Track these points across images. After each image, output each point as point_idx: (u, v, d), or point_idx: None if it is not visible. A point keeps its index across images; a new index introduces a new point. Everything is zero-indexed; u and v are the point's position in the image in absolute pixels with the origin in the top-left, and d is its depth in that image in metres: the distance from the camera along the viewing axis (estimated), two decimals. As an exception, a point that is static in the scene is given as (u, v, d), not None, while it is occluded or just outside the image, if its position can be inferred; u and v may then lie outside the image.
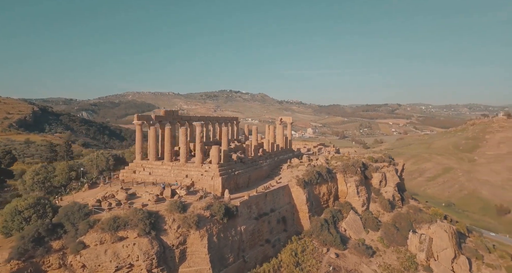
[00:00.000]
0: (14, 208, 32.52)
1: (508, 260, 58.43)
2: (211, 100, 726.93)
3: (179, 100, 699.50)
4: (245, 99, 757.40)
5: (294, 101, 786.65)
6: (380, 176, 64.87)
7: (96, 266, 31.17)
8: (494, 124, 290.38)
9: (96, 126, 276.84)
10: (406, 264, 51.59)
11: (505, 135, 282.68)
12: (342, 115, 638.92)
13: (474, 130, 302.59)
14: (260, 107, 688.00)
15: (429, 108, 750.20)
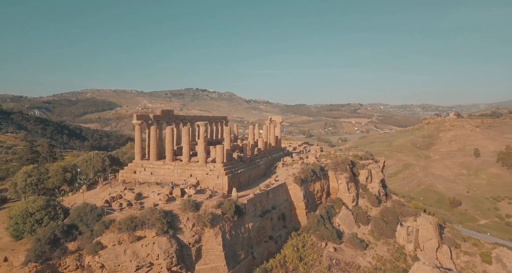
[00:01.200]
0: (24, 210, 31.77)
1: (481, 248, 64.74)
2: (176, 98, 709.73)
3: (143, 99, 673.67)
4: (212, 98, 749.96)
5: (261, 100, 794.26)
6: (367, 172, 68.39)
7: (115, 266, 31.07)
8: (446, 123, 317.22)
9: (54, 126, 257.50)
10: (396, 255, 55.09)
11: (455, 134, 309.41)
12: (308, 114, 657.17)
13: (429, 129, 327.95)
14: (228, 106, 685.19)
15: (387, 108, 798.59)
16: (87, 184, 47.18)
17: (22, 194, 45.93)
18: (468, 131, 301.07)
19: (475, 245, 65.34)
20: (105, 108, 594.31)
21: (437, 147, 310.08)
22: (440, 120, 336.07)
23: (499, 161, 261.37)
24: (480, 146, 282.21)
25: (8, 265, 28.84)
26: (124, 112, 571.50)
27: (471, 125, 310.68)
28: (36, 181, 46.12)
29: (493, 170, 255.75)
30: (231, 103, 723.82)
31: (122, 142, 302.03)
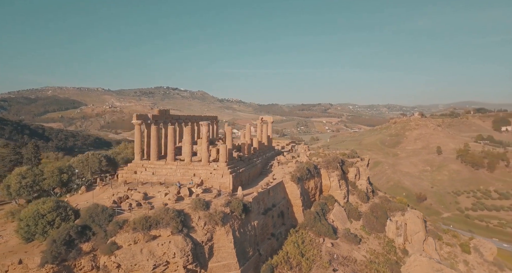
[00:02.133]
0: (35, 211, 31.44)
1: (460, 239, 70.00)
2: (146, 97, 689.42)
3: (110, 97, 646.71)
4: (184, 96, 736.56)
5: (234, 99, 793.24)
6: (355, 170, 71.26)
7: (132, 266, 31.20)
8: (412, 122, 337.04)
9: (12, 125, 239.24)
10: (387, 248, 58.01)
11: (420, 132, 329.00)
12: (281, 114, 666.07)
13: (396, 128, 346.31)
14: (200, 105, 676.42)
15: (356, 108, 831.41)
16: (86, 185, 46.47)
17: (16, 196, 44.47)
18: (431, 130, 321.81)
19: (454, 236, 70.53)
20: (69, 107, 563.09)
21: (404, 145, 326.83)
22: (406, 120, 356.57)
23: (459, 158, 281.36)
24: (442, 144, 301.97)
25: (23, 267, 28.44)
26: (89, 111, 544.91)
27: (434, 125, 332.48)
28: (31, 182, 44.43)
29: (453, 166, 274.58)
30: (204, 102, 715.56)
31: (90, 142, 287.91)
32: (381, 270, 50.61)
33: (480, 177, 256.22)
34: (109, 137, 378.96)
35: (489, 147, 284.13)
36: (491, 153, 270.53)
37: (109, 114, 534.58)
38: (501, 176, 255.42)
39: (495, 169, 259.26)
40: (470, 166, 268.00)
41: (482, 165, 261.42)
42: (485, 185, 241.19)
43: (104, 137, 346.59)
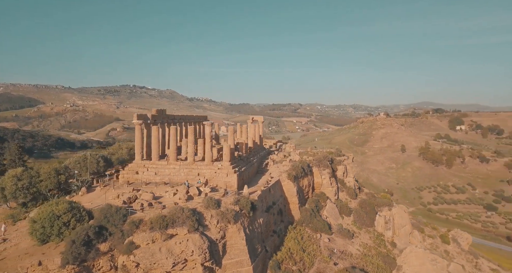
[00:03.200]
0: (50, 213, 31.30)
1: (439, 231, 75.41)
2: (111, 95, 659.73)
3: (71, 95, 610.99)
4: (151, 95, 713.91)
5: (204, 98, 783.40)
6: (343, 168, 74.16)
7: (151, 264, 31.47)
8: (378, 122, 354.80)
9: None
10: (377, 242, 61.07)
11: (385, 132, 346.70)
12: (252, 113, 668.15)
13: (364, 127, 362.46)
14: (169, 104, 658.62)
15: (324, 108, 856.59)
16: (86, 186, 45.99)
17: (11, 199, 43.28)
18: (396, 129, 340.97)
19: (433, 229, 75.89)
20: (24, 106, 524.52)
21: (371, 143, 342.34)
22: (373, 120, 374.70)
23: (421, 155, 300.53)
24: (405, 142, 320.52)
25: (43, 268, 28.28)
26: (48, 110, 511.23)
27: (398, 124, 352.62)
28: (28, 184, 43.36)
29: (416, 164, 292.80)
30: (173, 101, 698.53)
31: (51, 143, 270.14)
32: (375, 263, 53.42)
33: (440, 173, 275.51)
34: (72, 137, 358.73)
35: (447, 145, 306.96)
36: (449, 150, 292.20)
37: (71, 114, 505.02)
38: (457, 171, 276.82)
39: (452, 165, 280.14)
40: (430, 163, 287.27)
41: (441, 162, 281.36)
42: (444, 181, 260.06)
43: (66, 137, 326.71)
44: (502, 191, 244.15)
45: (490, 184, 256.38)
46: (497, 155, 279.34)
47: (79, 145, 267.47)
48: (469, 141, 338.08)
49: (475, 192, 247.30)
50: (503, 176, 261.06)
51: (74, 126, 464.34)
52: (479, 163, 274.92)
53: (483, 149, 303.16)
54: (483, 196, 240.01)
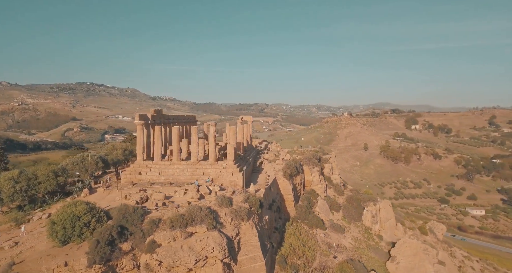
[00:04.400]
0: (71, 214, 31.33)
1: (418, 224, 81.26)
2: (66, 94, 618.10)
3: (19, 93, 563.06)
4: (111, 94, 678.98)
5: (168, 98, 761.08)
6: (330, 166, 77.16)
7: (174, 262, 32.03)
8: (342, 122, 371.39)
9: None
10: (366, 235, 64.51)
11: (349, 131, 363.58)
12: (219, 113, 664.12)
13: (329, 127, 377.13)
14: (131, 103, 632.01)
15: (288, 108, 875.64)
16: (88, 187, 45.48)
17: (9, 202, 41.54)
18: (359, 129, 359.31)
19: (412, 221, 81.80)
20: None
21: (336, 142, 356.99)
22: (337, 119, 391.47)
23: (382, 153, 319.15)
24: (368, 141, 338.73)
25: (69, 269, 28.36)
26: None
27: (360, 124, 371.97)
28: (26, 187, 41.92)
29: (378, 161, 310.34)
30: (135, 100, 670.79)
31: None
32: (367, 254, 56.67)
33: (399, 169, 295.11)
34: (22, 138, 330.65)
35: (405, 143, 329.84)
36: (407, 148, 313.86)
37: (19, 113, 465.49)
38: (414, 168, 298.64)
39: (410, 162, 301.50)
40: (391, 160, 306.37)
41: (400, 159, 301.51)
42: (403, 176, 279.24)
43: (15, 138, 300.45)
44: (453, 185, 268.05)
45: (442, 179, 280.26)
46: (448, 152, 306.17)
47: (31, 146, 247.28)
48: (423, 139, 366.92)
49: (430, 187, 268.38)
50: (453, 171, 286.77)
51: (23, 126, 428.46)
52: (432, 159, 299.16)
53: (435, 146, 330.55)
54: (437, 190, 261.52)
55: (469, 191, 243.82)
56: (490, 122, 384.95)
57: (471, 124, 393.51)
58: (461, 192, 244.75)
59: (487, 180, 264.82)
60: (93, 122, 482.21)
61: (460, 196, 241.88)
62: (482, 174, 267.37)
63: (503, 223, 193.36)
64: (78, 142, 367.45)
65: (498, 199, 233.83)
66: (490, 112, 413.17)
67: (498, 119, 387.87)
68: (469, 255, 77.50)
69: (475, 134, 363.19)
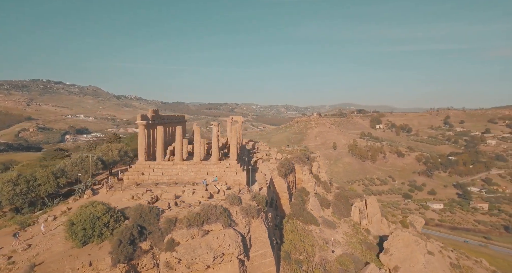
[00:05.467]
0: (91, 214, 31.37)
1: (399, 218, 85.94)
2: (18, 91, 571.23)
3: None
4: (71, 92, 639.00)
5: (133, 96, 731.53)
6: (317, 164, 79.35)
7: (193, 259, 32.81)
8: (312, 121, 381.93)
9: None
10: (355, 230, 67.37)
11: (319, 130, 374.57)
12: (188, 113, 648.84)
13: (299, 126, 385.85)
14: (93, 102, 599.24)
15: (258, 108, 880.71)
16: (90, 188, 45.21)
17: (8, 205, 40.86)
18: (327, 128, 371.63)
19: (393, 216, 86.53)
20: None
21: (306, 142, 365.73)
22: (307, 119, 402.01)
23: (350, 152, 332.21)
24: (336, 140, 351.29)
25: (93, 269, 28.49)
26: None
27: (329, 123, 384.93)
28: (26, 189, 41.19)
29: (346, 159, 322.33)
30: (97, 98, 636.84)
31: None
32: (360, 248, 59.37)
33: (366, 167, 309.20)
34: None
35: (371, 142, 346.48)
36: (373, 147, 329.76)
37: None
38: (380, 165, 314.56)
39: (376, 160, 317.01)
40: (358, 159, 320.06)
41: (367, 157, 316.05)
42: (370, 174, 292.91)
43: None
44: (415, 181, 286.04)
45: (405, 175, 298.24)
46: (410, 150, 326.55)
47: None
48: (386, 138, 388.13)
49: (395, 183, 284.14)
50: (415, 168, 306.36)
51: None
52: (396, 157, 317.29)
53: (398, 145, 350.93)
54: (401, 186, 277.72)
55: (429, 187, 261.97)
56: (445, 122, 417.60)
57: (429, 124, 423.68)
58: (422, 187, 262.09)
59: (444, 175, 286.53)
60: (51, 122, 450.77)
61: (422, 191, 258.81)
62: (440, 170, 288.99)
63: (458, 216, 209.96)
64: (35, 143, 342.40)
65: (454, 193, 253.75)
66: (445, 113, 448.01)
67: (452, 120, 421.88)
68: (444, 246, 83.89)
69: (432, 134, 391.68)
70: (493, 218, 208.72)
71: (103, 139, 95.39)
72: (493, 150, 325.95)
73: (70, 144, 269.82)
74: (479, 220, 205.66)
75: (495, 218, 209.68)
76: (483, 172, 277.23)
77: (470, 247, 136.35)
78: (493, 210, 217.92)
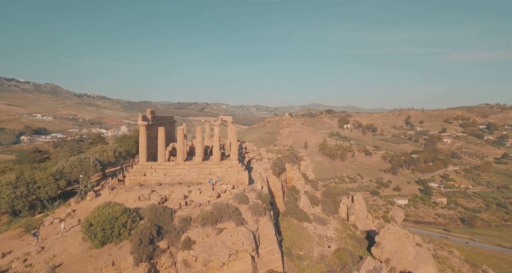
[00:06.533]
0: (109, 215, 31.62)
1: (381, 213, 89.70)
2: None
3: None
4: (25, 90, 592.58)
5: (96, 95, 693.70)
6: (305, 163, 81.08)
7: (209, 257, 33.74)
8: (284, 121, 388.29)
9: None
10: (344, 226, 69.99)
11: (290, 130, 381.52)
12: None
13: (271, 126, 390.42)
14: (51, 100, 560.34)
15: (229, 107, 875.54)
16: (92, 190, 44.73)
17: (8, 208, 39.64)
18: (299, 128, 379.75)
19: (375, 211, 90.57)
20: None
21: (279, 141, 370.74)
22: (278, 119, 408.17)
23: (320, 151, 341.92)
24: (307, 140, 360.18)
25: (116, 268, 28.80)
26: None
27: (300, 123, 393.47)
28: (27, 192, 40.33)
29: (317, 158, 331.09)
30: (56, 97, 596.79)
31: None
32: (351, 243, 61.87)
33: (336, 166, 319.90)
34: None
35: (340, 141, 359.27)
36: (342, 146, 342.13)
37: None
38: (349, 164, 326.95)
39: (345, 159, 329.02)
40: (329, 157, 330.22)
41: (337, 156, 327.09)
42: (340, 172, 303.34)
43: None
44: (381, 178, 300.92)
45: (373, 173, 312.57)
46: (376, 149, 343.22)
47: None
48: (354, 137, 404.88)
49: (363, 181, 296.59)
50: (381, 166, 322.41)
51: None
52: (364, 156, 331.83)
53: (365, 144, 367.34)
54: (369, 183, 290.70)
55: (394, 183, 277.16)
56: (407, 122, 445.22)
57: (392, 123, 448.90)
58: (388, 184, 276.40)
59: (408, 172, 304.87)
60: (3, 122, 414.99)
61: (388, 188, 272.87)
62: (404, 167, 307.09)
63: (421, 210, 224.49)
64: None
65: (416, 189, 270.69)
66: (406, 113, 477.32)
67: (412, 120, 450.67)
68: (422, 238, 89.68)
69: (395, 133, 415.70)
70: (451, 211, 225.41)
71: (64, 139, 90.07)
72: (448, 148, 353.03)
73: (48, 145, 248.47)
74: (439, 214, 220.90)
75: (452, 211, 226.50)
76: (441, 169, 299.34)
77: (431, 239, 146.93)
78: (451, 204, 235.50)
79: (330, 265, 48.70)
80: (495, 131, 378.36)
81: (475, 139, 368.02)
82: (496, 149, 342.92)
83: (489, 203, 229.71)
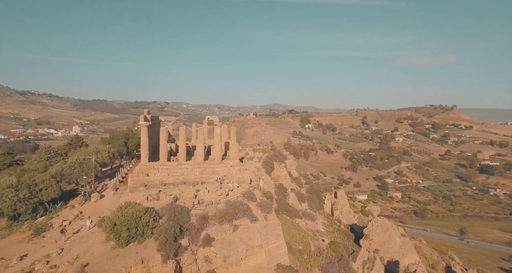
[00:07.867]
0: (133, 214, 32.10)
1: (358, 207, 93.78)
2: None
3: None
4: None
5: (42, 92, 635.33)
6: (289, 162, 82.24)
7: (229, 253, 35.15)
8: (249, 121, 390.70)
9: None
10: (329, 220, 72.82)
11: (255, 130, 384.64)
12: (111, 111, 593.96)
13: (237, 126, 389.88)
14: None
15: (190, 107, 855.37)
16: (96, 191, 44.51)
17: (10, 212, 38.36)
18: (263, 127, 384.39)
19: (353, 206, 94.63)
20: None
21: (245, 141, 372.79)
22: (244, 119, 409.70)
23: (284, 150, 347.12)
24: (272, 139, 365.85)
25: (145, 266, 29.41)
26: None
27: (264, 123, 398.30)
28: (29, 194, 39.50)
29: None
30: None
31: None
32: (339, 236, 64.37)
33: (300, 164, 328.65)
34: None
35: (303, 140, 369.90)
36: (305, 145, 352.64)
37: None
38: (313, 162, 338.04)
39: (309, 157, 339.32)
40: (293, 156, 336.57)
41: (301, 155, 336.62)
42: (304, 170, 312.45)
43: None
44: (342, 175, 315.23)
45: (334, 170, 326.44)
46: (337, 147, 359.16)
47: None
48: (315, 136, 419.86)
49: (326, 178, 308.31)
50: (342, 163, 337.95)
51: None
52: (326, 154, 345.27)
53: (326, 143, 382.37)
54: (332, 180, 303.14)
55: (354, 180, 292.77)
56: (363, 122, 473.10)
57: (350, 123, 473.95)
58: (349, 181, 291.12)
59: (366, 169, 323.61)
60: None
61: (349, 184, 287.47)
62: (363, 165, 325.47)
63: (380, 204, 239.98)
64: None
65: (374, 185, 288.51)
66: (362, 113, 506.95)
67: (368, 119, 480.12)
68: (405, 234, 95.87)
69: (353, 132, 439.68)
70: (405, 205, 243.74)
71: (6, 140, 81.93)
72: (400, 146, 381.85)
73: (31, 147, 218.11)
74: (395, 207, 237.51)
75: (406, 204, 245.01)
76: (395, 165, 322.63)
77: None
78: (405, 198, 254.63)
79: (327, 257, 50.25)
80: (439, 130, 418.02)
81: (423, 137, 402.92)
82: (440, 146, 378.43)
83: (436, 196, 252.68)
